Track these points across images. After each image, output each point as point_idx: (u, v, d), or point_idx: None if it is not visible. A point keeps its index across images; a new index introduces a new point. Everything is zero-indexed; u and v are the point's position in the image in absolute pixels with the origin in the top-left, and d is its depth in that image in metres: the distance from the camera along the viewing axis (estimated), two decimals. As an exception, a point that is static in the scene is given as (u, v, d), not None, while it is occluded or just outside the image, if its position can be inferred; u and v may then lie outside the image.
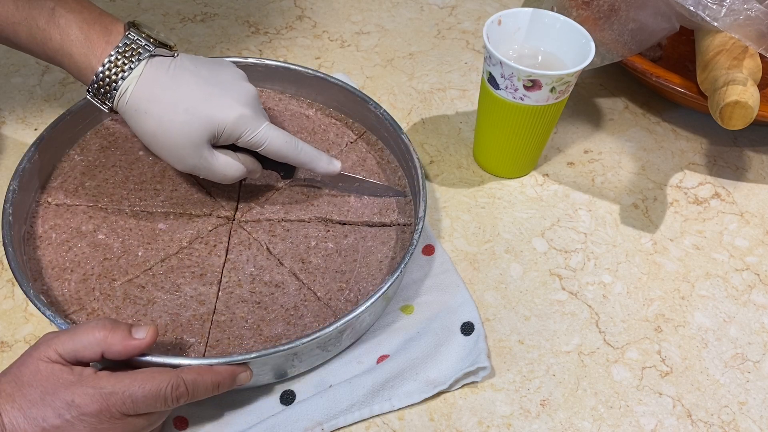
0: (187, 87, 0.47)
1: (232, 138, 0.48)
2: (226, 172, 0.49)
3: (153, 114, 0.46)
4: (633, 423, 0.48)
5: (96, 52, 0.46)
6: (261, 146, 0.49)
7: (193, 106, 0.46)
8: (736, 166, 0.66)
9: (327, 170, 0.52)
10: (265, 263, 0.52)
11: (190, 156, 0.48)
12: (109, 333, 0.40)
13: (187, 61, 0.48)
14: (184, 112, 0.46)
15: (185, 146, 0.47)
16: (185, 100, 0.46)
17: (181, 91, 0.47)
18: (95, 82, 0.46)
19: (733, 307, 0.55)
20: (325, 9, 0.78)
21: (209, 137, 0.47)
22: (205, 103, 0.47)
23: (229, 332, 0.48)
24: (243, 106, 0.48)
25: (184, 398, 0.41)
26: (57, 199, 0.54)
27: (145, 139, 0.48)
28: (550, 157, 0.65)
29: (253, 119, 0.48)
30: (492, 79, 0.55)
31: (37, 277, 0.49)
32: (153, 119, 0.46)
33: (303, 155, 0.51)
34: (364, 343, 0.50)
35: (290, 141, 0.50)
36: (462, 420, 0.47)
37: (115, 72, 0.46)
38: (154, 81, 0.46)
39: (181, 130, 0.47)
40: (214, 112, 0.47)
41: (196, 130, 0.47)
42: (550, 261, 0.57)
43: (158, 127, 0.47)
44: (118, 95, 0.46)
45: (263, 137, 0.49)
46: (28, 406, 0.38)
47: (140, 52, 0.46)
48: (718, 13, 0.56)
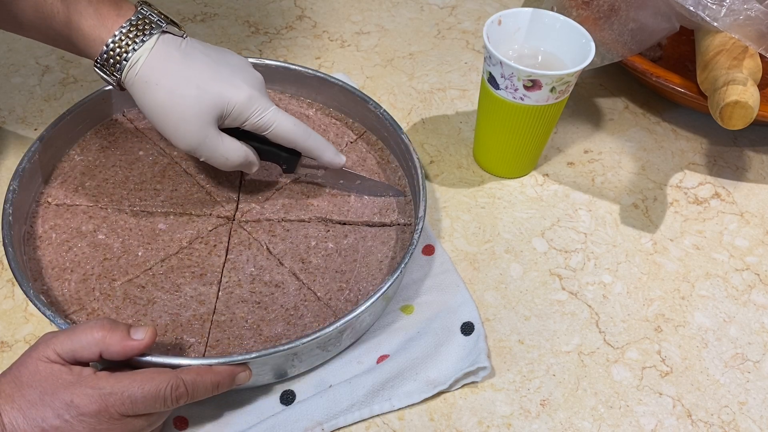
0: (198, 65, 0.47)
1: (240, 119, 0.48)
2: (228, 155, 0.49)
3: (164, 86, 0.46)
4: (633, 423, 0.48)
5: (107, 24, 0.46)
6: (268, 129, 0.49)
7: (204, 83, 0.47)
8: (736, 166, 0.66)
9: (333, 161, 0.52)
10: (265, 263, 0.52)
11: (196, 133, 0.47)
12: (107, 333, 0.40)
13: (197, 43, 0.49)
14: (195, 87, 0.46)
15: (193, 122, 0.47)
16: (197, 77, 0.47)
17: (193, 68, 0.47)
18: (105, 53, 0.46)
19: (733, 307, 0.55)
20: (325, 9, 0.78)
21: (218, 115, 0.47)
22: (216, 81, 0.47)
23: (229, 332, 0.48)
24: (252, 87, 0.48)
25: (183, 399, 0.41)
26: (57, 199, 0.54)
27: (153, 112, 0.47)
28: (550, 157, 0.65)
29: (262, 100, 0.48)
30: (492, 79, 0.55)
31: (37, 277, 0.49)
32: (163, 91, 0.46)
33: (311, 141, 0.51)
34: (364, 343, 0.50)
35: (299, 125, 0.50)
36: (462, 420, 0.47)
37: (127, 43, 0.46)
38: (167, 55, 0.47)
39: (191, 105, 0.46)
40: (225, 90, 0.47)
41: (206, 107, 0.47)
42: (550, 261, 0.57)
43: (168, 100, 0.46)
44: (128, 66, 0.46)
45: (271, 119, 0.49)
46: (27, 406, 0.38)
47: (152, 27, 0.46)
48: (718, 13, 0.56)
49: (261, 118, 0.48)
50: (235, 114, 0.48)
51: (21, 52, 0.71)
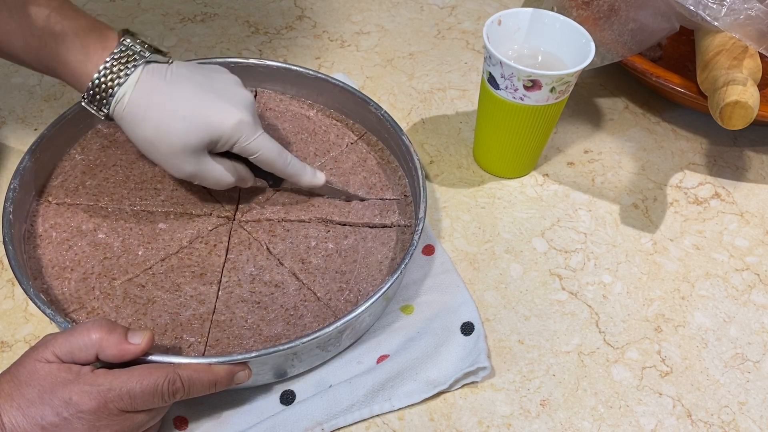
0: (184, 93, 0.47)
1: (229, 144, 0.48)
2: (220, 179, 0.50)
3: (150, 121, 0.46)
4: (633, 423, 0.48)
5: (92, 59, 0.46)
6: (255, 154, 0.49)
7: (191, 113, 0.46)
8: (736, 166, 0.66)
9: (311, 183, 0.53)
10: (265, 263, 0.52)
11: (187, 163, 0.48)
12: (104, 335, 0.40)
13: (182, 68, 0.48)
14: (182, 119, 0.46)
15: (183, 153, 0.47)
16: (183, 107, 0.46)
17: (178, 97, 0.46)
18: (91, 89, 0.46)
19: (733, 307, 0.55)
20: (325, 9, 0.79)
21: (207, 144, 0.47)
22: (203, 109, 0.47)
23: (228, 332, 0.48)
24: (241, 111, 0.48)
25: (180, 394, 0.41)
26: (57, 198, 0.54)
27: (142, 146, 0.48)
28: (550, 157, 0.65)
29: (250, 126, 0.48)
30: (492, 79, 0.55)
31: (37, 275, 0.49)
32: (150, 126, 0.46)
33: (290, 168, 0.51)
34: (364, 343, 0.50)
35: (282, 153, 0.50)
36: (462, 420, 0.47)
37: (111, 78, 0.46)
38: (151, 87, 0.46)
39: (179, 138, 0.46)
40: (212, 118, 0.47)
41: (194, 137, 0.47)
42: (550, 261, 0.57)
43: (156, 135, 0.46)
44: (115, 101, 0.46)
45: (258, 145, 0.49)
46: (26, 405, 0.38)
47: (136, 58, 0.46)
48: (719, 12, 0.56)
49: (249, 143, 0.48)
50: (224, 140, 0.48)
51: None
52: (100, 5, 0.77)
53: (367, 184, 0.58)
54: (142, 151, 0.48)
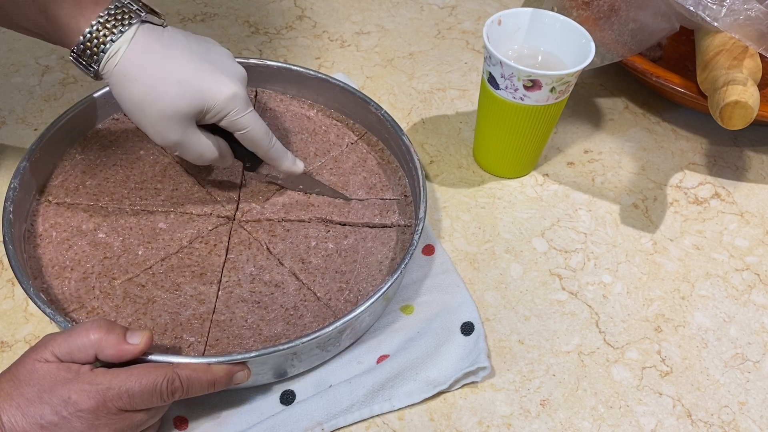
0: (179, 59, 0.45)
1: (219, 117, 0.47)
2: (203, 152, 0.48)
3: (143, 81, 0.44)
4: (633, 423, 0.48)
5: (84, 13, 0.44)
6: (243, 130, 0.48)
7: (185, 79, 0.45)
8: (736, 166, 0.66)
9: (291, 169, 0.52)
10: (265, 263, 0.52)
11: (173, 130, 0.46)
12: (103, 335, 0.40)
13: (178, 33, 0.47)
14: (176, 83, 0.45)
15: (171, 119, 0.45)
16: (177, 72, 0.45)
17: (173, 61, 0.45)
18: (82, 43, 0.44)
19: (733, 307, 0.55)
20: (325, 9, 0.79)
21: (197, 112, 0.46)
22: (198, 77, 0.45)
23: (228, 331, 0.48)
24: (235, 84, 0.46)
25: (178, 393, 0.41)
26: (57, 198, 0.54)
27: (130, 108, 0.46)
28: (550, 157, 0.65)
29: (243, 100, 0.47)
30: (492, 79, 0.55)
31: (37, 275, 0.49)
32: (142, 87, 0.44)
33: (273, 150, 0.50)
34: (364, 343, 0.50)
35: (268, 133, 0.50)
36: (462, 420, 0.47)
37: (104, 34, 0.44)
38: (146, 47, 0.45)
39: (170, 102, 0.45)
40: (207, 87, 0.45)
41: (185, 104, 0.45)
42: (550, 261, 0.57)
43: (146, 96, 0.45)
44: (107, 57, 0.44)
45: (248, 121, 0.47)
46: (26, 404, 0.38)
47: (131, 16, 0.44)
48: (718, 13, 0.56)
49: (239, 118, 0.47)
50: (215, 112, 0.46)
51: (21, 52, 0.71)
52: (100, 5, 0.77)
53: (368, 184, 0.58)
54: (128, 113, 0.46)
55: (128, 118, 0.47)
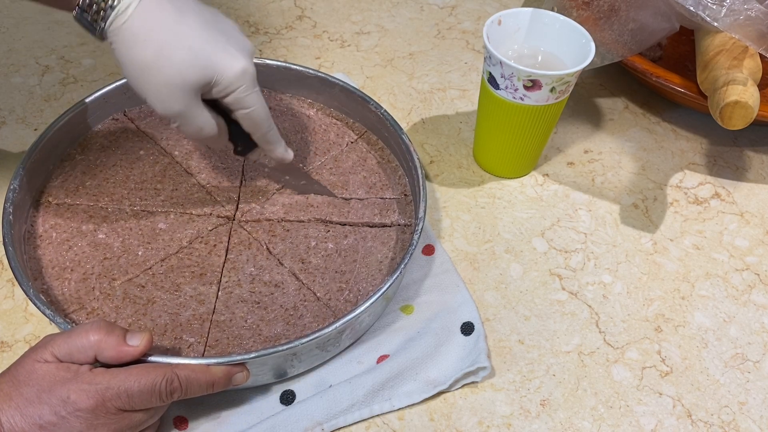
0: (192, 23, 0.43)
1: (226, 92, 0.44)
2: (204, 126, 0.45)
3: (153, 43, 0.41)
4: (633, 423, 0.48)
5: None
6: (247, 109, 0.46)
7: (197, 46, 0.42)
8: (736, 166, 0.66)
9: (283, 156, 0.51)
10: (265, 263, 0.52)
11: (177, 100, 0.43)
12: (103, 337, 0.40)
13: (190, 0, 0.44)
14: (187, 49, 0.42)
15: (177, 87, 0.43)
16: (189, 38, 0.42)
17: (186, 26, 0.42)
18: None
19: (733, 307, 0.55)
20: (325, 9, 0.79)
21: (204, 84, 0.43)
22: (210, 47, 0.43)
23: (228, 332, 0.48)
24: (247, 60, 0.44)
25: (177, 393, 0.41)
26: (57, 199, 0.54)
27: (135, 72, 0.43)
28: (550, 157, 0.65)
29: (252, 78, 0.45)
30: (492, 79, 0.55)
31: (37, 276, 0.49)
32: (151, 49, 0.42)
33: (270, 134, 0.49)
34: (364, 343, 0.50)
35: (269, 116, 0.48)
36: (462, 420, 0.47)
37: None
38: (158, 8, 0.42)
39: (179, 68, 0.42)
40: (219, 58, 0.43)
41: (194, 73, 0.42)
42: (550, 261, 0.57)
43: (154, 60, 0.42)
44: (115, 14, 0.41)
45: (253, 100, 0.45)
46: (25, 404, 0.38)
47: None
48: (718, 13, 0.56)
49: (246, 95, 0.45)
50: (223, 86, 0.44)
51: (21, 52, 0.71)
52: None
53: (367, 183, 0.58)
54: (130, 78, 0.43)
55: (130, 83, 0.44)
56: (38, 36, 0.73)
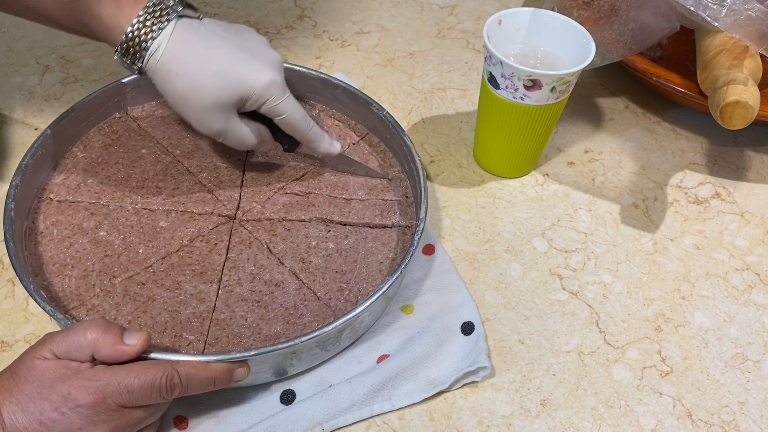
0: (217, 50, 0.47)
1: (258, 103, 0.49)
2: (245, 138, 0.50)
3: (185, 75, 0.46)
4: (633, 423, 0.48)
5: (125, 12, 0.46)
6: (282, 115, 0.50)
7: (223, 70, 0.47)
8: (737, 165, 0.66)
9: (328, 150, 0.54)
10: (266, 262, 0.52)
11: (216, 120, 0.48)
12: (100, 335, 0.40)
13: (214, 25, 0.49)
14: (215, 75, 0.46)
15: (213, 109, 0.47)
16: (216, 63, 0.47)
17: (212, 53, 0.47)
18: (125, 42, 0.46)
19: (734, 307, 0.55)
20: (326, 9, 0.79)
21: (237, 101, 0.48)
22: (236, 67, 0.47)
23: (228, 330, 0.48)
24: (272, 71, 0.48)
25: (177, 390, 0.41)
26: (59, 196, 0.54)
27: (174, 101, 0.48)
28: (550, 157, 0.65)
29: (280, 86, 0.49)
30: (492, 79, 0.55)
31: (37, 272, 0.49)
32: (184, 80, 0.46)
33: (311, 133, 0.52)
34: (365, 342, 0.50)
35: (306, 117, 0.51)
36: (462, 420, 0.47)
37: (145, 32, 0.46)
38: (185, 42, 0.47)
39: (211, 93, 0.47)
40: (245, 77, 0.47)
41: (226, 94, 0.47)
42: (551, 261, 0.57)
43: (189, 89, 0.47)
44: (149, 54, 0.46)
45: (286, 107, 0.49)
46: (25, 400, 0.38)
47: (169, 12, 0.46)
48: (719, 13, 0.56)
49: (278, 103, 0.49)
50: (255, 99, 0.48)
51: (21, 52, 0.71)
52: (101, 5, 0.77)
53: (368, 185, 0.58)
54: (172, 105, 0.48)
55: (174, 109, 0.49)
56: (38, 36, 0.73)
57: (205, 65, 0.46)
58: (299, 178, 0.57)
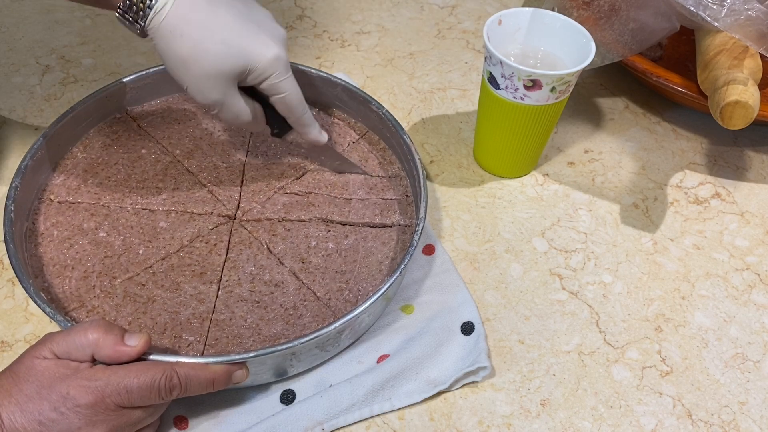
0: (225, 17, 0.45)
1: (260, 78, 0.47)
2: (240, 113, 0.49)
3: (189, 38, 0.44)
4: (633, 423, 0.48)
5: None
6: (281, 94, 0.48)
7: (230, 38, 0.45)
8: (737, 165, 0.66)
9: (317, 138, 0.53)
10: (265, 262, 0.52)
11: (215, 89, 0.46)
12: (101, 336, 0.40)
13: None
14: (221, 42, 0.45)
15: (214, 78, 0.46)
16: (223, 31, 0.45)
17: (219, 20, 0.45)
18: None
19: (734, 307, 0.55)
20: (326, 9, 0.79)
21: (240, 73, 0.46)
22: (243, 37, 0.45)
23: (228, 331, 0.48)
24: (279, 46, 0.47)
25: (176, 390, 0.41)
26: (59, 197, 0.54)
27: (174, 65, 0.46)
28: (550, 157, 0.65)
29: (285, 63, 0.47)
30: (492, 79, 0.55)
31: (38, 274, 0.49)
32: (188, 44, 0.45)
33: (305, 118, 0.52)
34: (365, 342, 0.50)
35: (303, 101, 0.51)
36: (462, 420, 0.47)
37: None
38: (193, 3, 0.45)
39: (214, 61, 0.45)
40: (251, 48, 0.46)
41: (229, 64, 0.45)
42: (551, 261, 0.57)
43: (191, 54, 0.45)
44: (153, 12, 0.44)
45: (287, 86, 0.48)
46: (24, 400, 0.38)
47: None
48: (719, 13, 0.56)
49: (280, 81, 0.48)
50: (257, 73, 0.47)
51: (21, 51, 0.71)
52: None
53: (368, 184, 0.58)
54: (171, 70, 0.46)
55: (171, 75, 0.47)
56: (38, 36, 0.73)
57: (212, 31, 0.45)
58: (299, 177, 0.57)
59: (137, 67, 0.69)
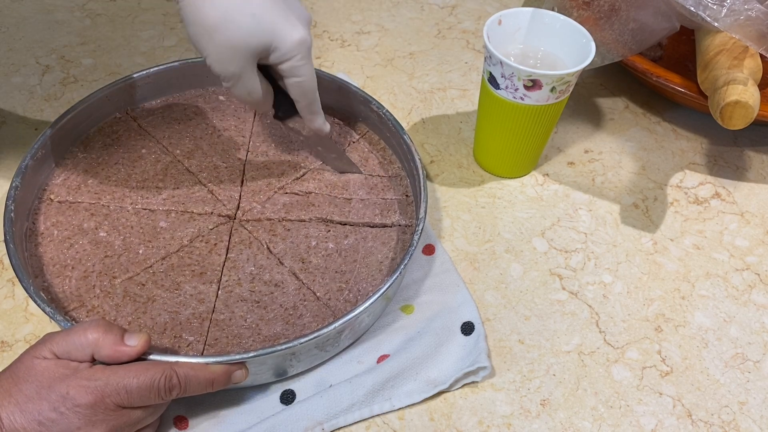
0: None
1: (283, 58, 0.46)
2: (254, 90, 0.48)
3: (220, 6, 0.43)
4: (633, 423, 0.48)
5: None
6: (299, 78, 0.48)
7: (261, 13, 0.44)
8: (737, 165, 0.66)
9: (321, 127, 0.53)
10: (265, 262, 0.52)
11: (235, 62, 0.45)
12: (101, 335, 0.40)
13: None
14: (251, 15, 0.44)
15: (238, 50, 0.44)
16: (254, 4, 0.44)
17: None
18: None
19: (734, 307, 0.55)
20: (326, 9, 0.79)
21: (263, 50, 0.45)
22: (274, 15, 0.44)
23: (227, 331, 0.48)
24: (306, 30, 0.46)
25: (176, 390, 0.41)
26: (59, 196, 0.54)
27: (199, 32, 0.44)
28: (550, 157, 0.65)
29: (308, 48, 0.47)
30: (492, 79, 0.55)
31: (38, 273, 0.49)
32: (218, 11, 0.43)
33: (314, 105, 0.51)
34: (365, 342, 0.50)
35: (316, 89, 0.50)
36: (462, 420, 0.47)
37: None
38: None
39: (240, 33, 0.44)
40: (280, 27, 0.45)
41: (256, 39, 0.44)
42: (551, 261, 0.57)
43: (220, 22, 0.43)
44: None
45: (306, 71, 0.47)
46: (24, 400, 0.38)
47: None
48: (719, 13, 0.56)
49: (301, 65, 0.47)
50: (281, 53, 0.46)
51: (21, 51, 0.71)
52: (100, 4, 0.77)
53: (369, 183, 0.58)
54: (194, 36, 0.45)
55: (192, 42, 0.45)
56: (38, 36, 0.73)
57: (243, 2, 0.43)
58: (299, 177, 0.57)
59: (137, 67, 0.69)
